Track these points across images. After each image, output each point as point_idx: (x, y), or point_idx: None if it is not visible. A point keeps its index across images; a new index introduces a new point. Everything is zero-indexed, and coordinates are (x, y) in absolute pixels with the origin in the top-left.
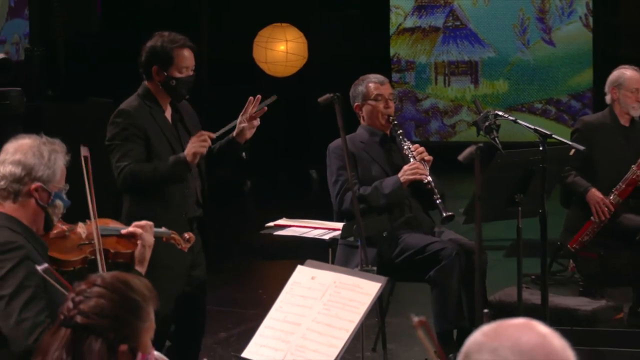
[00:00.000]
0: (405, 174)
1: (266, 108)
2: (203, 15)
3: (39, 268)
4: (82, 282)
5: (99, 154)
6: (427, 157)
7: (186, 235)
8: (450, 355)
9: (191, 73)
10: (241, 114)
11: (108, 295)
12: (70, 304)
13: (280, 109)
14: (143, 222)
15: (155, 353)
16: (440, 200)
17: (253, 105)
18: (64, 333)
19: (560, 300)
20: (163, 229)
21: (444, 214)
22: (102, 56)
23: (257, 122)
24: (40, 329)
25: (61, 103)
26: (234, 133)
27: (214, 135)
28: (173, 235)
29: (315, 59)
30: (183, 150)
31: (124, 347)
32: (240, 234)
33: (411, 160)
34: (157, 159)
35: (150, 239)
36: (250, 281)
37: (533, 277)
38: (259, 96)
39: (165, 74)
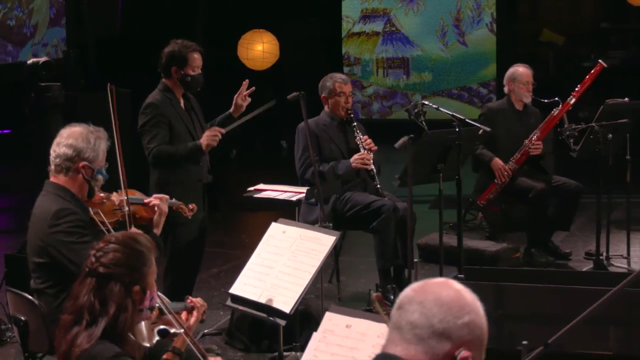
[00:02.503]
0: (356, 161)
1: (254, 88)
2: (199, 23)
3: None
4: (100, 241)
5: (121, 133)
6: (374, 148)
7: (190, 205)
8: (389, 286)
9: (200, 71)
10: (236, 95)
11: (121, 249)
12: (92, 259)
13: (258, 95)
14: (160, 195)
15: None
16: (379, 186)
17: (244, 87)
18: (89, 281)
19: (472, 243)
20: (174, 200)
21: (385, 197)
22: (122, 55)
23: (248, 100)
24: None
25: (91, 93)
26: (231, 109)
27: (223, 131)
28: (181, 206)
29: (285, 56)
30: (195, 130)
31: (136, 288)
32: (228, 193)
33: (361, 149)
34: (177, 139)
35: (165, 209)
36: (236, 228)
37: (451, 224)
38: (247, 80)
39: (182, 72)
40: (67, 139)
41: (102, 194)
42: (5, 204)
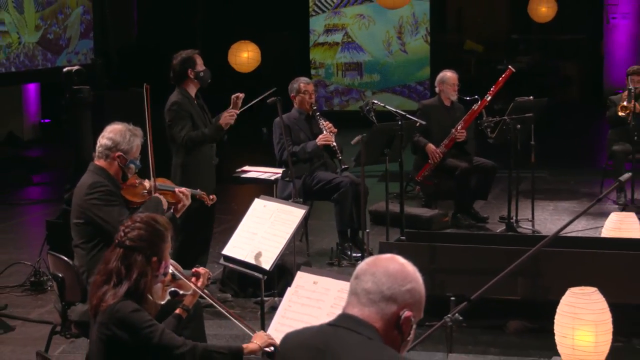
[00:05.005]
0: (320, 140)
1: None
2: (198, 34)
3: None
4: (128, 219)
5: (137, 124)
6: (334, 130)
7: (211, 196)
8: (346, 244)
9: (205, 67)
10: (233, 95)
11: (144, 228)
12: (122, 233)
13: (244, 91)
14: (185, 188)
15: (171, 261)
16: (340, 158)
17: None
18: (118, 251)
19: (411, 210)
20: (198, 190)
21: (342, 167)
22: (137, 60)
23: (242, 95)
24: (123, 213)
25: (114, 91)
26: (231, 106)
27: (237, 111)
28: (203, 195)
29: (265, 62)
30: (207, 122)
31: (154, 259)
32: (221, 169)
33: (324, 131)
34: (196, 129)
35: (188, 201)
36: (227, 198)
37: (395, 195)
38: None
39: (195, 71)
40: (109, 133)
41: (136, 180)
42: (46, 179)
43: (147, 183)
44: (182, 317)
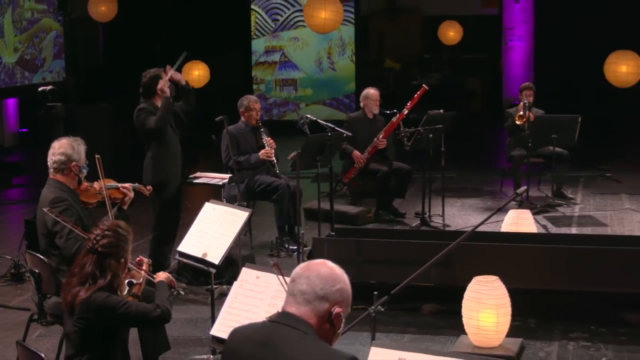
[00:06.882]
0: (263, 154)
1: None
2: (157, 55)
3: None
4: (97, 228)
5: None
6: (274, 146)
7: (148, 187)
8: (284, 238)
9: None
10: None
11: (112, 235)
12: (93, 241)
13: (195, 104)
14: (128, 184)
15: None
16: (278, 172)
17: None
18: (91, 256)
19: (339, 207)
20: (136, 184)
21: (281, 179)
22: (103, 78)
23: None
24: (77, 244)
25: (83, 106)
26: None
27: (167, 77)
28: (141, 187)
29: (214, 78)
30: (173, 125)
31: (122, 259)
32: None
33: (266, 147)
34: (164, 131)
35: (132, 194)
36: (181, 197)
37: (326, 194)
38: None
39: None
40: (59, 149)
41: (87, 183)
42: (24, 182)
43: (96, 185)
44: None
